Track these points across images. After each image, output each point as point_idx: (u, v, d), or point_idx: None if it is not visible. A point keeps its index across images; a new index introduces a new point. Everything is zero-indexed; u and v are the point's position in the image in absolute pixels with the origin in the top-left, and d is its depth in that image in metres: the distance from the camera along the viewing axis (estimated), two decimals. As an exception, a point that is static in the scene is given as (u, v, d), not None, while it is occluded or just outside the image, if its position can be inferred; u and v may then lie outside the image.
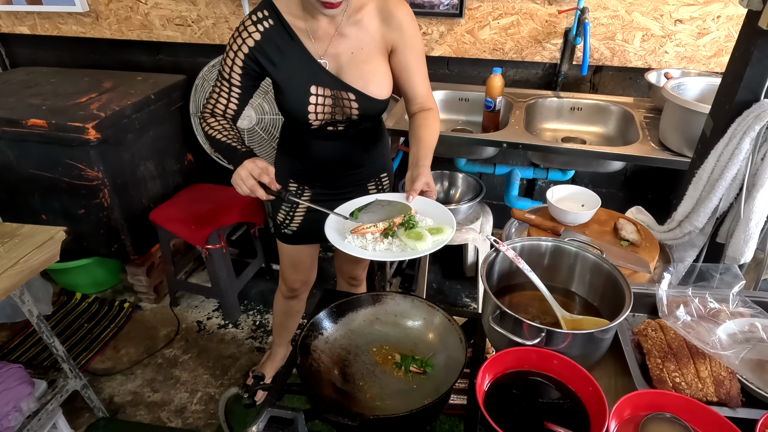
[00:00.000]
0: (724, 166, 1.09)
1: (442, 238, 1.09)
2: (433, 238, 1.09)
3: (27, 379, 1.63)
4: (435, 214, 1.17)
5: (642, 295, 1.04)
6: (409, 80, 1.32)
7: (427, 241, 1.08)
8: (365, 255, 1.11)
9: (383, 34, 1.26)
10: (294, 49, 1.25)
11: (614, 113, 2.10)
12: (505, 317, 0.90)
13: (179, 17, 2.54)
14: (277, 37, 1.24)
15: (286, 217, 1.53)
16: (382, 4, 1.24)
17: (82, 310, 2.49)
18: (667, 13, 2.00)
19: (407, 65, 1.30)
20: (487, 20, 2.17)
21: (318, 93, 1.27)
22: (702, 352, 0.86)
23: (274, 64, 1.25)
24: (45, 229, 1.57)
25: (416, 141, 1.30)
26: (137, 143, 2.25)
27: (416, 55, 1.30)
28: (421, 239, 1.07)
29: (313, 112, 1.29)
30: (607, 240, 1.22)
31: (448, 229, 1.11)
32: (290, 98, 1.29)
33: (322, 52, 1.26)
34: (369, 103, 1.30)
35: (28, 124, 2.00)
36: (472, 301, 2.50)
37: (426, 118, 1.33)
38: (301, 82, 1.26)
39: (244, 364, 2.19)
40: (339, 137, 1.39)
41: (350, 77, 1.27)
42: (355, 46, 1.26)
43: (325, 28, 1.24)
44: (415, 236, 1.09)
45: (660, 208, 2.39)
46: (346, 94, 1.28)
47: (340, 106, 1.30)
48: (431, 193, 1.20)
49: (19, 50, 2.99)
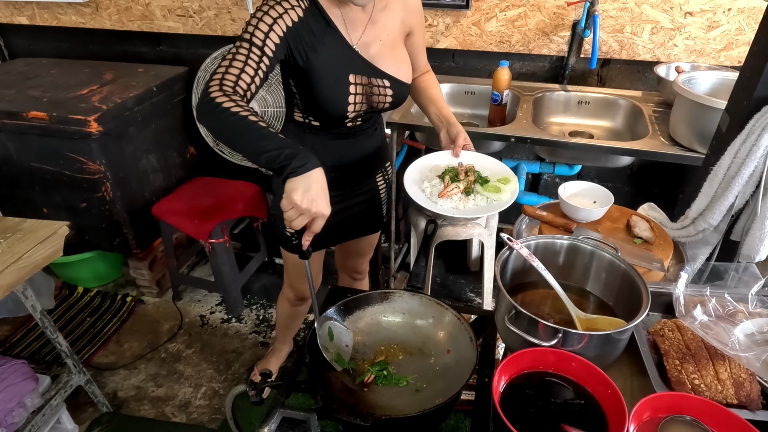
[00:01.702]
0: (741, 162, 1.07)
1: (513, 186, 1.24)
2: (506, 187, 1.24)
3: (31, 375, 1.62)
4: (487, 163, 1.33)
5: (657, 293, 1.02)
6: (417, 57, 1.41)
7: (506, 191, 1.22)
8: (459, 214, 1.22)
9: (403, 18, 1.27)
10: (331, 36, 1.16)
11: (622, 107, 2.07)
12: (521, 317, 0.88)
13: (181, 8, 2.50)
14: (315, 23, 1.14)
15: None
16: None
17: (85, 304, 2.47)
18: (677, 5, 1.97)
19: (418, 44, 1.37)
20: (494, 12, 2.14)
21: (356, 82, 1.21)
22: (721, 353, 0.84)
23: (315, 48, 1.13)
24: (48, 223, 1.55)
25: (433, 101, 1.42)
26: (139, 136, 2.22)
27: (422, 34, 1.38)
28: (499, 191, 1.21)
29: (352, 102, 1.22)
30: (620, 237, 1.21)
31: (512, 178, 1.26)
32: (328, 90, 1.18)
33: (356, 41, 1.21)
34: (401, 88, 1.29)
35: (29, 116, 1.98)
36: (477, 295, 2.49)
37: (429, 79, 1.46)
38: (339, 72, 1.18)
39: (248, 359, 2.18)
40: (354, 134, 1.35)
41: (383, 64, 1.24)
42: (382, 34, 1.24)
43: (358, 15, 1.20)
44: (494, 189, 1.22)
45: (666, 203, 2.37)
46: (381, 81, 1.24)
47: (375, 94, 1.25)
48: (470, 146, 1.34)
49: (17, 41, 2.95)
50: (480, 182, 1.26)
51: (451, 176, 1.28)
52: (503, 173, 1.31)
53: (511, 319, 0.89)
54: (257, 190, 2.39)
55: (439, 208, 1.23)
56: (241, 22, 2.44)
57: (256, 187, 2.40)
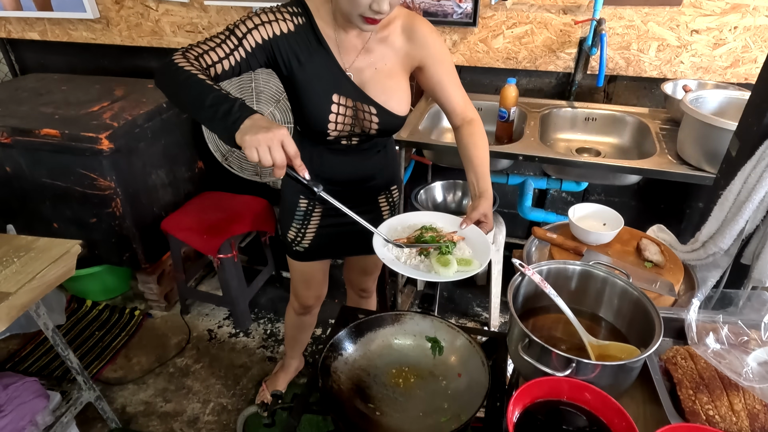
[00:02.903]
0: (752, 188, 1.08)
1: (467, 269, 1.11)
2: (458, 267, 1.11)
3: (42, 392, 1.63)
4: (477, 245, 1.18)
5: (668, 319, 1.02)
6: (443, 93, 1.31)
7: (451, 269, 1.10)
8: (395, 266, 1.13)
9: (408, 51, 1.25)
10: (321, 54, 1.21)
11: (629, 124, 2.08)
12: (534, 345, 0.89)
13: (190, 24, 2.53)
14: (307, 38, 1.20)
15: (297, 234, 1.51)
16: (406, 22, 1.24)
17: (93, 317, 2.49)
18: (683, 23, 1.98)
19: (439, 79, 1.29)
20: (501, 29, 2.16)
21: (340, 102, 1.24)
22: (735, 383, 0.84)
23: (300, 62, 1.19)
24: (61, 242, 1.57)
25: (470, 166, 1.29)
26: (149, 152, 2.24)
27: (446, 68, 1.29)
28: (447, 266, 1.09)
29: (333, 121, 1.26)
30: (631, 261, 1.21)
31: (475, 264, 1.12)
32: (311, 104, 1.24)
33: (348, 65, 1.24)
34: (389, 118, 1.28)
35: (42, 133, 2.00)
36: (484, 310, 2.49)
37: (472, 135, 1.31)
38: (323, 89, 1.23)
39: (256, 374, 2.18)
40: (352, 152, 1.37)
41: (373, 91, 1.25)
42: (378, 62, 1.25)
43: (353, 41, 1.22)
44: (444, 262, 1.11)
45: (674, 218, 2.40)
46: (367, 107, 1.26)
47: (360, 119, 1.28)
48: (486, 225, 1.21)
49: (28, 55, 2.99)
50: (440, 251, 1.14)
51: (421, 232, 1.18)
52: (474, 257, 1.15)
53: (524, 348, 0.90)
54: (265, 205, 2.41)
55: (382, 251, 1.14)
56: (250, 38, 2.46)
57: (263, 202, 2.42)
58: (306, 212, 1.47)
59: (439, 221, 1.24)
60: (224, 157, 2.50)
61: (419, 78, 1.31)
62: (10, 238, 1.58)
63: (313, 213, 1.47)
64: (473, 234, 1.20)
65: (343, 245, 1.55)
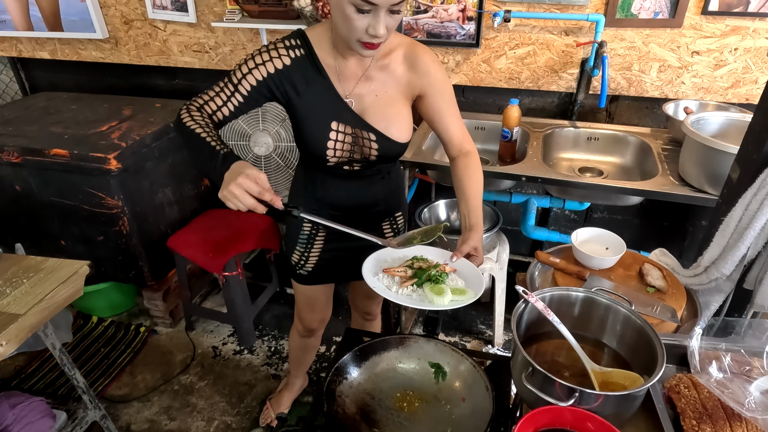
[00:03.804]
0: (753, 215, 1.09)
1: (461, 299, 1.11)
2: (452, 297, 1.11)
3: (48, 412, 1.64)
4: (469, 277, 1.18)
5: (671, 346, 1.03)
6: (441, 123, 1.32)
7: (445, 298, 1.10)
8: (387, 294, 1.12)
9: (409, 80, 1.27)
10: (320, 83, 1.24)
11: (632, 144, 2.10)
12: (537, 374, 0.90)
13: (197, 44, 2.57)
14: (306, 69, 1.23)
15: (301, 257, 1.52)
16: (408, 50, 1.25)
17: (99, 334, 2.50)
18: (684, 45, 2.01)
19: (438, 109, 1.30)
20: (504, 50, 2.19)
21: (339, 129, 1.26)
22: (738, 413, 0.85)
23: (298, 92, 1.23)
24: (69, 263, 1.58)
25: (463, 198, 1.29)
26: (156, 170, 2.27)
27: (446, 99, 1.30)
28: (441, 295, 1.10)
29: (332, 148, 1.28)
30: (633, 286, 1.22)
31: (470, 294, 1.12)
32: (310, 131, 1.27)
33: (348, 92, 1.26)
34: (389, 144, 1.30)
35: (51, 153, 2.03)
36: (488, 327, 2.49)
37: (467, 167, 1.32)
38: (322, 116, 1.25)
39: (260, 391, 2.19)
40: (354, 177, 1.38)
41: (373, 118, 1.27)
42: (379, 89, 1.27)
43: (353, 69, 1.25)
44: (437, 291, 1.11)
45: (677, 237, 2.40)
46: (366, 134, 1.28)
47: (359, 145, 1.30)
48: (476, 258, 1.21)
49: (38, 74, 3.05)
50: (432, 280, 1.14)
51: (412, 262, 1.18)
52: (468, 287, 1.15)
53: (527, 377, 0.91)
54: (270, 222, 2.43)
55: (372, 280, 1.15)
56: (256, 58, 2.50)
57: (268, 219, 2.44)
58: (309, 236, 1.49)
59: (429, 254, 1.23)
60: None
61: (419, 106, 1.33)
62: (20, 259, 1.60)
63: (316, 237, 1.49)
64: (464, 266, 1.20)
65: (347, 270, 1.55)
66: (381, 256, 1.24)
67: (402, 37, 1.27)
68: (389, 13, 1.05)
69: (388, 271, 1.17)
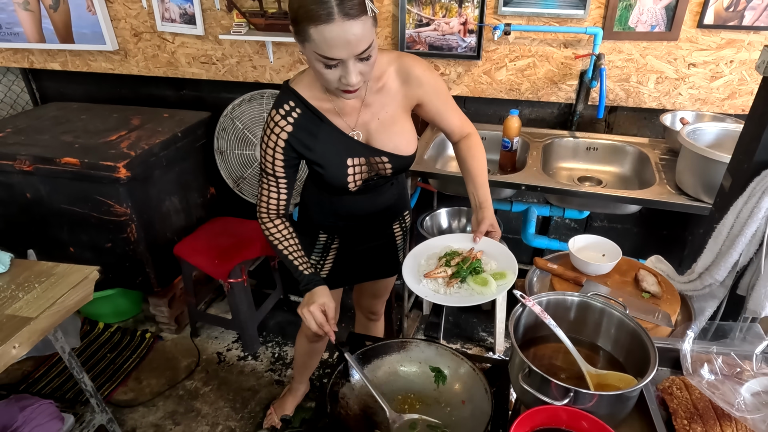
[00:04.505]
0: (744, 222, 1.12)
1: (506, 282, 1.15)
2: (497, 282, 1.16)
3: (57, 415, 1.67)
4: (498, 255, 1.23)
5: (665, 349, 1.06)
6: (443, 120, 1.38)
7: (491, 286, 1.14)
8: (437, 299, 1.17)
9: (405, 93, 1.30)
10: (325, 129, 1.28)
11: (630, 154, 2.14)
12: (533, 375, 0.93)
13: (204, 56, 2.63)
14: (308, 123, 1.26)
15: (316, 265, 1.56)
16: (399, 65, 1.28)
17: (105, 339, 2.54)
18: (680, 57, 2.05)
19: (437, 109, 1.36)
20: (504, 62, 2.24)
21: (354, 163, 1.32)
22: (728, 413, 0.88)
23: (310, 148, 1.28)
24: (79, 268, 1.63)
25: (469, 177, 1.37)
26: (163, 179, 2.32)
27: (442, 98, 1.35)
28: (486, 284, 1.14)
29: (352, 181, 1.34)
30: (629, 291, 1.25)
31: (510, 274, 1.17)
32: (330, 173, 1.32)
33: (353, 125, 1.30)
34: (401, 160, 1.35)
35: (62, 162, 2.08)
36: (489, 335, 2.51)
37: (470, 148, 1.39)
38: (337, 157, 1.30)
39: (264, 397, 2.22)
40: (368, 191, 1.44)
41: (380, 142, 1.32)
42: (380, 111, 1.30)
43: (351, 103, 1.27)
44: (481, 282, 1.16)
45: (676, 245, 2.43)
46: (379, 158, 1.33)
47: (375, 169, 1.36)
48: (495, 233, 1.27)
49: (48, 84, 3.11)
50: (473, 272, 1.19)
51: (447, 259, 1.22)
52: (504, 267, 1.20)
53: (524, 377, 0.94)
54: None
55: (418, 288, 1.19)
56: (262, 69, 2.56)
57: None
58: (326, 245, 1.54)
59: (454, 243, 1.28)
60: (236, 183, 2.57)
61: (419, 112, 1.38)
62: (32, 264, 1.65)
63: (332, 245, 1.54)
64: (490, 246, 1.25)
65: (359, 272, 1.62)
66: (411, 263, 1.27)
67: (389, 55, 1.29)
68: (359, 60, 1.07)
69: (430, 275, 1.20)
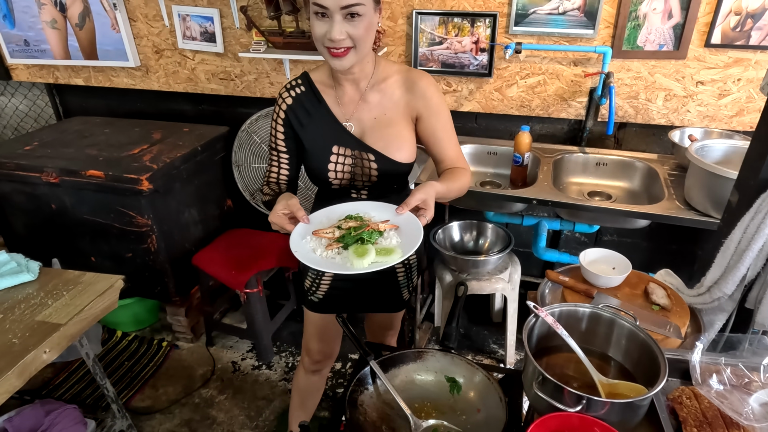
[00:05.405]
0: (751, 237, 1.16)
1: (384, 260, 1.03)
2: (376, 258, 1.03)
3: (81, 420, 1.72)
4: (408, 234, 1.09)
5: (675, 360, 1.10)
6: (436, 144, 1.37)
7: (366, 260, 1.01)
8: (305, 258, 1.07)
9: (408, 101, 1.33)
10: (321, 112, 1.35)
11: (639, 169, 2.18)
12: (547, 383, 0.97)
13: (223, 72, 2.72)
14: (307, 101, 1.35)
15: (312, 283, 1.55)
16: (406, 76, 1.33)
17: (123, 347, 2.59)
18: (688, 75, 2.10)
19: (434, 131, 1.35)
20: (515, 79, 2.29)
21: (339, 153, 1.34)
22: (736, 422, 0.91)
23: (302, 125, 1.35)
24: (105, 277, 1.69)
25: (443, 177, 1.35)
26: (183, 191, 2.39)
27: (442, 122, 1.35)
28: (363, 257, 1.01)
29: (333, 170, 1.35)
30: (639, 303, 1.29)
31: (396, 254, 1.04)
32: (312, 156, 1.36)
33: (348, 116, 1.35)
34: (388, 164, 1.34)
35: (87, 174, 2.16)
36: (500, 347, 2.54)
37: (454, 170, 1.36)
38: (324, 141, 1.35)
39: (278, 406, 2.25)
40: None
41: (371, 139, 1.34)
42: (378, 112, 1.34)
43: (350, 94, 1.34)
44: (360, 252, 1.03)
45: (686, 259, 2.45)
46: (366, 154, 1.34)
47: (360, 166, 1.35)
48: (425, 212, 1.16)
49: (71, 99, 3.22)
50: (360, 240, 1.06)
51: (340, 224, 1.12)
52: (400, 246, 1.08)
53: (538, 385, 0.97)
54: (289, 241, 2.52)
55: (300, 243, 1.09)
56: (278, 86, 2.64)
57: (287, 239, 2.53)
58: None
59: (374, 211, 1.17)
60: (252, 195, 2.64)
61: (416, 129, 1.38)
62: (60, 273, 1.71)
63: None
64: (407, 222, 1.11)
65: (357, 301, 1.57)
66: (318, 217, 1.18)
67: (399, 66, 1.37)
68: (347, 17, 1.13)
69: (317, 233, 1.11)
